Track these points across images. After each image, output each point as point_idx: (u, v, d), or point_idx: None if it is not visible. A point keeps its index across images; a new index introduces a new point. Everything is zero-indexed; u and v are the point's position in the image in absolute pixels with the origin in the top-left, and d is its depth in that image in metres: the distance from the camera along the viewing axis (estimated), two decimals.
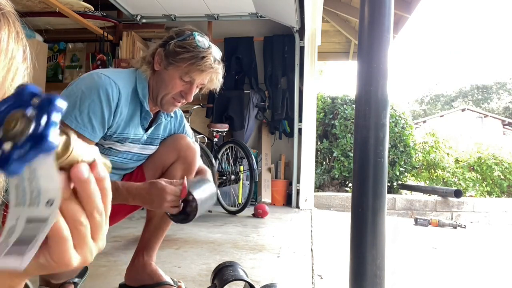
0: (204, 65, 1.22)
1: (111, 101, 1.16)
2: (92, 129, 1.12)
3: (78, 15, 3.83)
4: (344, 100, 6.20)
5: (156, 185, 1.11)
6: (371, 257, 1.15)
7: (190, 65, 1.21)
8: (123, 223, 2.42)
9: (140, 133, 1.31)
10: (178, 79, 1.24)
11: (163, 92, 1.26)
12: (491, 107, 32.77)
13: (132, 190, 1.11)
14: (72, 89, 1.15)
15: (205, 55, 1.22)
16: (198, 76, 1.24)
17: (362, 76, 1.21)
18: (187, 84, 1.25)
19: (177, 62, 1.22)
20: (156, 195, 1.11)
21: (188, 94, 1.26)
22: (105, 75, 1.17)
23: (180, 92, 1.26)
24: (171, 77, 1.24)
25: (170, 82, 1.24)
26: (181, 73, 1.23)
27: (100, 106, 1.13)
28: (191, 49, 1.22)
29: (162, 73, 1.26)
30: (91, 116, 1.12)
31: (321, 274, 1.87)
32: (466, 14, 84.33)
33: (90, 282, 1.54)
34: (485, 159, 6.97)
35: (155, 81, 1.27)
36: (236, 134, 4.43)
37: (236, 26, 4.71)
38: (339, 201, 4.99)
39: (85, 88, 1.14)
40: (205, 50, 1.23)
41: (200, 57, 1.21)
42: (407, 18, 5.28)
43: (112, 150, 1.27)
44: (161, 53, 1.26)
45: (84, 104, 1.11)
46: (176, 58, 1.22)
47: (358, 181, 1.19)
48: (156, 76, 1.27)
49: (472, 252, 3.22)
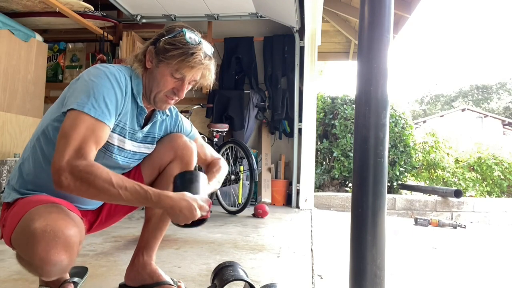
0: (194, 61, 1.21)
1: (121, 84, 1.19)
2: (109, 114, 1.14)
3: (78, 15, 3.83)
4: (344, 100, 6.19)
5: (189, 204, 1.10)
6: (371, 257, 1.14)
7: (180, 62, 1.21)
8: (123, 223, 2.42)
9: (136, 128, 1.31)
10: (169, 76, 1.24)
11: (155, 90, 1.26)
12: (491, 107, 32.76)
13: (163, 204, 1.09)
14: (81, 82, 1.16)
15: (195, 51, 1.21)
16: (188, 73, 1.24)
17: (362, 76, 1.21)
18: (178, 81, 1.25)
19: (167, 59, 1.22)
20: (184, 214, 1.11)
21: (180, 91, 1.26)
22: (109, 65, 1.21)
23: (172, 89, 1.26)
24: (162, 75, 1.24)
25: (162, 79, 1.24)
26: (171, 70, 1.23)
27: (113, 91, 1.16)
28: (180, 45, 1.21)
29: (153, 71, 1.26)
30: (107, 101, 1.13)
31: (321, 274, 1.87)
32: (466, 14, 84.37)
33: (90, 282, 1.54)
34: (485, 159, 6.97)
35: (147, 79, 1.28)
36: (236, 134, 4.43)
37: (236, 26, 4.71)
38: (339, 201, 4.99)
39: (94, 77, 1.15)
40: (195, 46, 1.22)
41: (189, 53, 1.21)
42: (407, 18, 5.28)
43: (114, 147, 1.27)
44: (152, 50, 1.26)
45: (99, 91, 1.12)
46: (166, 55, 1.22)
47: (358, 181, 1.19)
48: (148, 74, 1.28)
49: (472, 252, 3.22)
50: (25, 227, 1.00)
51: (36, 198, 1.13)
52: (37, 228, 0.97)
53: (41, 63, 4.07)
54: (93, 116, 1.10)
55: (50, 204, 1.08)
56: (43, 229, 0.96)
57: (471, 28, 77.92)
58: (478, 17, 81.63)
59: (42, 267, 0.97)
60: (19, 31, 3.71)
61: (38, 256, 0.95)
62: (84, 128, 1.08)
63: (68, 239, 0.98)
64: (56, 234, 0.96)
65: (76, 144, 1.05)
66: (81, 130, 1.07)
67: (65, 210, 1.08)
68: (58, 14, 3.75)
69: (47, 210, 1.04)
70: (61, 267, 0.98)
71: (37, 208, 1.05)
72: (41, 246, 0.95)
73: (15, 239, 1.06)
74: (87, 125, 1.08)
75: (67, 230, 0.99)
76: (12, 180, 1.24)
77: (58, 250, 0.96)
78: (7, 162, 3.42)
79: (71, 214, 1.08)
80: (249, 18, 4.50)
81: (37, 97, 4.03)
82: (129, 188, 1.06)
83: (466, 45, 69.86)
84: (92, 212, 1.40)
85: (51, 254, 0.95)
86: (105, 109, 1.12)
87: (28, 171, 1.21)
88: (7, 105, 3.63)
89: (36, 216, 1.01)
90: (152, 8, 4.35)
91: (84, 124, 1.08)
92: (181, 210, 1.10)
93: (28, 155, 1.23)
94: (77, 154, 1.05)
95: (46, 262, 0.96)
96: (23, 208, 1.08)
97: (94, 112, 1.10)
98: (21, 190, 1.20)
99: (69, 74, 4.83)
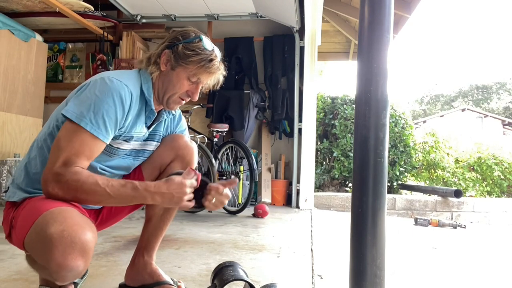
0: (213, 67, 1.29)
1: (124, 103, 1.19)
2: (105, 131, 1.15)
3: (78, 15, 3.83)
4: (344, 100, 6.19)
5: (174, 180, 1.12)
6: (371, 257, 1.15)
7: (199, 68, 1.27)
8: (123, 223, 2.42)
9: (144, 131, 1.34)
10: (185, 79, 1.29)
11: (170, 92, 1.30)
12: (491, 107, 32.76)
13: (150, 189, 1.11)
14: (85, 94, 1.17)
15: (213, 57, 1.29)
16: (205, 78, 1.31)
17: (362, 76, 1.21)
18: (193, 84, 1.31)
19: (187, 64, 1.27)
20: (176, 189, 1.12)
21: (194, 94, 1.32)
22: (116, 79, 1.20)
23: (186, 92, 1.31)
24: (178, 78, 1.28)
25: (178, 82, 1.29)
26: (189, 74, 1.28)
27: (114, 109, 1.16)
28: (199, 51, 1.27)
29: (168, 73, 1.29)
30: (105, 119, 1.15)
31: (321, 274, 1.87)
32: (466, 14, 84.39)
33: (90, 282, 1.54)
34: (485, 159, 6.97)
35: (161, 81, 1.30)
36: (236, 134, 4.43)
37: (236, 26, 4.71)
38: (339, 201, 4.99)
39: (98, 92, 1.16)
40: (211, 52, 1.29)
41: (208, 59, 1.27)
42: (407, 18, 5.29)
43: (120, 150, 1.28)
44: (169, 54, 1.28)
45: (99, 107, 1.14)
46: (186, 60, 1.27)
47: (358, 181, 1.19)
48: (162, 77, 1.30)
49: (472, 252, 3.22)
50: (40, 231, 1.00)
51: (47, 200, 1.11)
52: (54, 233, 0.97)
53: (41, 63, 4.07)
54: (89, 131, 1.12)
55: (63, 208, 1.07)
56: (60, 234, 0.97)
57: (471, 28, 78.00)
58: (477, 17, 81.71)
59: (58, 272, 0.98)
60: (19, 31, 3.71)
61: (55, 261, 0.96)
62: (78, 142, 1.11)
63: (84, 244, 0.99)
64: (73, 240, 0.97)
65: (66, 156, 1.09)
66: (75, 144, 1.10)
67: (78, 214, 1.08)
68: (58, 14, 3.76)
69: (62, 215, 1.03)
70: (77, 272, 1.00)
71: (51, 212, 1.04)
72: (58, 252, 0.96)
73: (29, 243, 1.06)
74: (82, 140, 1.11)
75: (83, 235, 0.99)
76: (18, 179, 1.24)
77: (75, 255, 0.97)
78: (7, 162, 3.42)
79: (84, 218, 1.08)
80: (249, 18, 4.50)
81: (37, 97, 4.03)
82: (115, 184, 1.09)
83: (466, 45, 69.92)
84: (94, 211, 1.40)
85: (68, 259, 0.96)
86: (102, 126, 1.14)
87: (35, 170, 1.22)
88: (7, 105, 3.63)
89: (51, 220, 1.01)
90: (152, 8, 4.36)
91: (77, 138, 1.11)
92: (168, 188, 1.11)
93: (35, 155, 1.23)
94: (64, 164, 1.08)
95: (63, 267, 0.97)
96: (34, 210, 1.07)
97: (90, 127, 1.12)
98: (28, 188, 1.20)
99: (69, 74, 4.83)
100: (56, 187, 1.07)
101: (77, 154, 1.10)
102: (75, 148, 1.10)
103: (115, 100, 1.17)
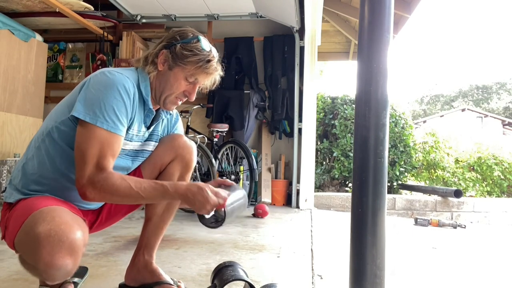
0: (211, 68, 1.29)
1: (130, 93, 1.20)
2: (121, 125, 1.17)
3: (78, 15, 3.83)
4: (344, 100, 6.19)
5: (202, 192, 1.14)
6: (371, 257, 1.15)
7: (197, 68, 1.27)
8: (123, 223, 2.42)
9: (143, 130, 1.34)
10: (183, 79, 1.28)
11: (167, 92, 1.29)
12: (491, 107, 32.75)
13: (180, 191, 1.15)
14: (91, 92, 1.15)
15: (210, 58, 1.28)
16: (203, 78, 1.31)
17: (362, 76, 1.21)
18: (190, 84, 1.30)
19: (185, 65, 1.27)
20: (199, 201, 1.14)
21: (191, 94, 1.32)
22: (117, 72, 1.21)
23: (183, 92, 1.31)
24: (176, 78, 1.28)
25: (175, 82, 1.28)
26: (186, 75, 1.28)
27: (122, 102, 1.17)
28: (197, 52, 1.27)
29: (166, 73, 1.29)
30: (117, 113, 1.15)
31: (321, 274, 1.87)
32: (466, 14, 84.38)
33: (90, 282, 1.54)
34: (485, 159, 6.96)
35: (158, 81, 1.30)
36: (236, 134, 4.43)
37: (236, 26, 4.71)
38: (339, 201, 4.98)
39: (103, 88, 1.16)
40: (209, 53, 1.29)
41: (206, 60, 1.27)
42: (407, 18, 5.28)
43: (123, 150, 1.28)
44: (167, 54, 1.28)
45: (108, 103, 1.14)
46: (184, 60, 1.26)
47: (358, 181, 1.19)
48: (159, 76, 1.30)
49: (472, 252, 3.22)
50: (29, 231, 1.00)
51: (39, 201, 1.12)
52: (41, 233, 0.97)
53: (41, 63, 4.07)
54: (106, 129, 1.13)
55: (52, 207, 1.08)
56: (47, 233, 0.97)
57: (471, 28, 77.98)
58: (477, 17, 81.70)
59: (46, 271, 0.98)
60: (19, 31, 3.71)
61: (43, 260, 0.96)
62: (99, 143, 1.12)
63: (72, 243, 0.98)
64: (60, 239, 0.97)
65: (95, 160, 1.11)
66: (97, 145, 1.12)
67: (68, 213, 1.08)
68: (58, 14, 3.75)
69: (50, 214, 1.03)
70: (65, 271, 0.99)
71: (40, 212, 1.04)
72: (45, 251, 0.95)
73: (19, 243, 1.06)
74: (102, 140, 1.12)
75: (71, 234, 0.99)
76: (15, 180, 1.24)
77: (62, 254, 0.96)
78: (7, 162, 3.42)
79: (74, 217, 1.08)
80: (249, 18, 4.50)
81: (37, 97, 4.03)
82: (147, 186, 1.13)
83: (465, 45, 69.91)
84: (93, 212, 1.40)
85: (55, 258, 0.96)
86: (117, 121, 1.15)
87: (32, 170, 1.22)
88: (7, 105, 3.63)
89: (40, 220, 1.01)
90: (152, 8, 4.35)
91: (98, 139, 1.12)
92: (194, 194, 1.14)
93: (32, 155, 1.23)
94: (96, 169, 1.11)
95: (51, 266, 0.96)
96: (25, 211, 1.08)
97: (106, 125, 1.13)
98: (23, 190, 1.20)
99: (69, 74, 4.83)
100: (93, 192, 1.10)
101: (103, 156, 1.12)
102: (98, 149, 1.12)
103: (121, 92, 1.17)
